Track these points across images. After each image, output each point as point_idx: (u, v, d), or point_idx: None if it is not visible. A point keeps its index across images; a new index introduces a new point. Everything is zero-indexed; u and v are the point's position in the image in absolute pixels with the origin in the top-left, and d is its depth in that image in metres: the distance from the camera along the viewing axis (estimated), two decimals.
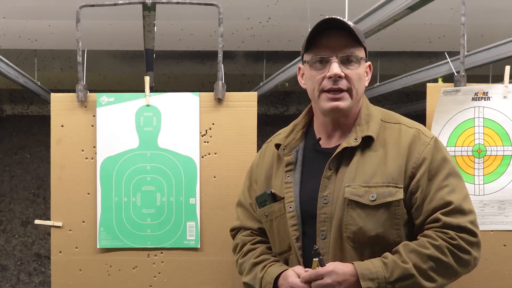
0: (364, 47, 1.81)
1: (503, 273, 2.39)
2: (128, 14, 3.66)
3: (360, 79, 1.79)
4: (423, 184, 1.71)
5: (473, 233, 1.68)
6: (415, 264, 1.65)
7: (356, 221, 1.71)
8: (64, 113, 2.40)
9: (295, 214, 1.81)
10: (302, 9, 3.78)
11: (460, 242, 1.67)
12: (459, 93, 2.34)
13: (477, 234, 1.70)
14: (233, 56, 5.08)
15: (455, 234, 1.67)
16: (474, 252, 1.69)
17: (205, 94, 2.41)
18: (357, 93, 1.79)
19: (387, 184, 1.71)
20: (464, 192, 1.73)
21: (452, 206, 1.69)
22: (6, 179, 7.07)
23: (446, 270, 1.68)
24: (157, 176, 2.38)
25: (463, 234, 1.67)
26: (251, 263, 1.91)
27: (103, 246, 2.40)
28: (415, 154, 1.72)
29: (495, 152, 2.36)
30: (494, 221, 2.37)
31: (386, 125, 1.79)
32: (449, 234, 1.67)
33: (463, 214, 1.69)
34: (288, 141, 1.90)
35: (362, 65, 1.79)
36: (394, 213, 1.71)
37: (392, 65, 5.43)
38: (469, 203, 1.73)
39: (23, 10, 3.73)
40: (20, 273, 6.96)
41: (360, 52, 1.78)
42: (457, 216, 1.68)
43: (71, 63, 5.31)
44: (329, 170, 1.78)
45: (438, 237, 1.67)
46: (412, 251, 1.67)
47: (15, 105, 7.27)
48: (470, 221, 1.69)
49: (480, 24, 3.90)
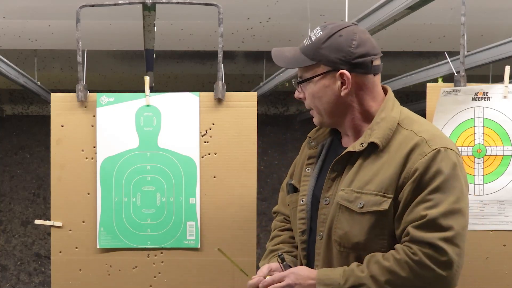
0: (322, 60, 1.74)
1: (503, 273, 2.39)
2: (128, 14, 3.66)
3: (318, 97, 1.77)
4: (407, 196, 1.65)
5: (441, 251, 1.58)
6: (373, 275, 1.63)
7: (343, 226, 1.72)
8: (64, 113, 2.41)
9: (305, 208, 1.83)
10: (302, 9, 3.78)
11: (422, 258, 1.59)
12: (459, 93, 2.35)
13: (448, 252, 1.58)
14: (233, 56, 5.08)
15: (419, 249, 1.60)
16: (440, 271, 1.58)
17: (205, 94, 2.41)
18: (324, 109, 1.78)
19: (376, 192, 1.69)
20: (448, 208, 1.60)
21: (424, 220, 1.61)
22: (6, 179, 7.07)
23: (403, 285, 1.62)
24: (157, 176, 2.39)
25: (428, 250, 1.59)
26: (269, 249, 1.98)
27: (103, 246, 2.40)
28: (409, 164, 1.66)
29: (495, 152, 2.36)
30: (494, 221, 2.37)
31: (400, 130, 1.73)
32: (412, 249, 1.61)
33: (436, 229, 1.59)
34: (317, 134, 1.92)
35: (319, 82, 1.75)
36: (379, 223, 1.68)
37: (392, 65, 5.42)
38: (450, 220, 1.60)
39: (23, 10, 3.73)
40: (20, 273, 6.96)
41: (310, 72, 1.76)
42: (427, 231, 1.60)
43: (71, 63, 5.30)
44: (334, 171, 1.78)
45: (402, 251, 1.62)
46: (375, 262, 1.65)
47: (15, 105, 7.26)
48: (442, 237, 1.58)
49: (480, 24, 3.89)
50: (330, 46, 1.72)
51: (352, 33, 1.72)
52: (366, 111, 1.77)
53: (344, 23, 1.75)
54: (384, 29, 2.79)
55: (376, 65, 1.75)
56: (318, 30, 1.76)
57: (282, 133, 6.94)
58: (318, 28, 1.77)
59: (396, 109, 1.77)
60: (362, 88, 1.75)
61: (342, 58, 1.71)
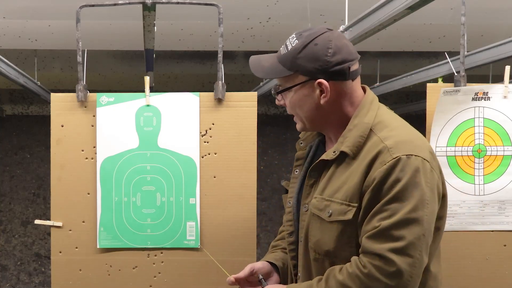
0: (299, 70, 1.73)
1: (503, 273, 2.39)
2: (128, 14, 3.66)
3: (298, 105, 1.76)
4: (366, 205, 1.63)
5: (390, 262, 1.55)
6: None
7: (316, 233, 1.73)
8: (64, 113, 2.41)
9: (291, 210, 1.85)
10: (302, 9, 3.78)
11: (371, 271, 1.57)
12: (459, 93, 2.35)
13: (396, 263, 1.54)
14: (233, 56, 5.08)
15: (368, 261, 1.58)
16: (389, 282, 1.55)
17: (205, 94, 2.41)
18: (305, 117, 1.78)
19: (342, 201, 1.68)
20: (402, 217, 1.56)
21: (375, 230, 1.58)
22: (6, 179, 7.07)
23: None
24: (157, 176, 2.39)
25: (377, 262, 1.56)
26: (271, 245, 2.06)
27: (103, 246, 2.40)
28: (371, 172, 1.63)
29: (495, 152, 2.36)
30: (494, 221, 2.37)
31: (372, 135, 1.70)
32: (363, 261, 1.59)
33: (387, 240, 1.56)
34: (306, 135, 1.92)
35: (298, 91, 1.75)
36: (346, 232, 1.67)
37: (392, 65, 5.42)
38: (403, 230, 1.56)
39: (23, 10, 3.73)
40: (20, 273, 6.96)
41: (289, 81, 1.76)
42: (377, 242, 1.58)
43: (71, 63, 5.31)
44: (311, 178, 1.79)
45: (354, 264, 1.61)
46: (333, 276, 1.65)
47: (15, 105, 7.27)
48: (391, 248, 1.55)
49: (480, 24, 3.89)
50: (306, 56, 1.71)
51: (327, 40, 1.70)
52: (345, 116, 1.76)
53: (319, 30, 1.73)
54: (384, 29, 2.79)
55: (353, 71, 1.74)
56: (293, 38, 1.74)
57: (282, 133, 6.94)
58: (293, 35, 1.76)
59: (371, 113, 1.74)
60: (341, 94, 1.74)
61: (319, 68, 1.70)
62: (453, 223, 2.38)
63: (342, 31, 3.07)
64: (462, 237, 2.38)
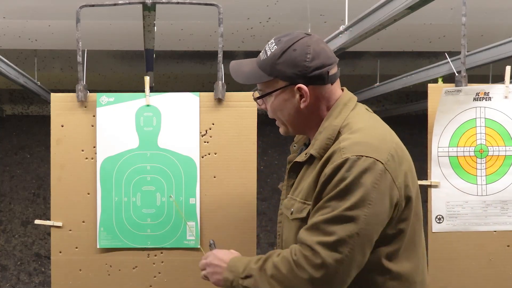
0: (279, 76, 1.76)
1: (507, 273, 2.39)
2: (128, 14, 3.66)
3: (279, 110, 1.81)
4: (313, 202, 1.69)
5: (316, 254, 1.60)
6: (264, 269, 1.69)
7: (284, 231, 1.81)
8: (64, 113, 2.40)
9: (282, 212, 1.90)
10: (302, 9, 3.77)
11: (300, 259, 1.62)
12: (460, 93, 2.34)
13: (322, 256, 1.59)
14: (233, 56, 5.08)
15: (299, 250, 1.64)
16: (313, 273, 1.60)
17: (205, 94, 2.41)
18: (286, 120, 1.82)
19: (300, 200, 1.76)
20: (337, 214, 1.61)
21: (310, 223, 1.65)
22: (6, 179, 7.07)
23: (284, 282, 1.65)
24: (157, 176, 2.38)
25: (306, 252, 1.62)
26: None
27: (103, 246, 2.39)
28: (323, 171, 1.68)
29: (497, 152, 2.36)
30: (497, 221, 2.37)
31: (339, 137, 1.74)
32: (296, 249, 1.65)
33: (318, 233, 1.62)
34: (299, 137, 1.97)
35: (279, 96, 1.79)
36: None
37: (392, 65, 5.42)
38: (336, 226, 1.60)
39: (23, 10, 3.73)
40: (20, 273, 6.95)
41: (269, 87, 1.80)
42: (310, 234, 1.64)
43: (71, 63, 5.30)
44: (290, 179, 1.86)
45: (289, 250, 1.67)
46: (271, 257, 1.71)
47: (15, 105, 7.26)
48: (320, 241, 1.60)
49: (480, 24, 3.89)
50: (285, 62, 1.74)
51: (305, 46, 1.74)
52: (322, 119, 1.80)
53: (297, 35, 1.77)
54: (384, 29, 2.79)
55: (332, 74, 1.77)
56: (272, 44, 1.78)
57: None
58: (272, 41, 1.79)
59: (342, 114, 1.77)
60: (320, 98, 1.78)
61: (298, 73, 1.74)
62: (456, 223, 2.38)
63: (342, 31, 3.07)
64: (465, 238, 2.38)
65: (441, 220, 2.37)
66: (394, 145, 1.71)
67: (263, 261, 1.71)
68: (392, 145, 1.71)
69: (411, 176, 1.73)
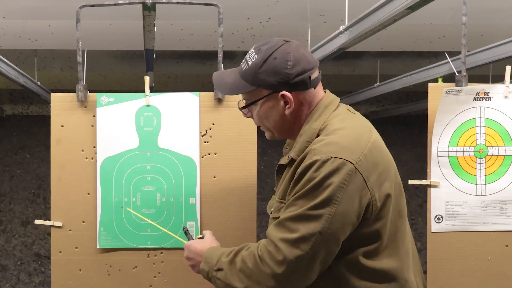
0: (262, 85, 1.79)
1: (505, 273, 2.39)
2: (128, 14, 3.66)
3: (265, 117, 1.85)
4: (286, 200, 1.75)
5: (278, 250, 1.66)
6: (234, 263, 1.76)
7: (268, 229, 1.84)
8: (64, 113, 2.40)
9: None
10: (302, 9, 3.78)
11: (264, 255, 1.68)
12: (461, 93, 2.34)
13: (284, 252, 1.65)
14: (233, 56, 5.08)
15: (264, 245, 1.70)
16: (275, 268, 1.66)
17: (205, 94, 2.41)
18: (272, 127, 1.87)
19: (278, 199, 1.82)
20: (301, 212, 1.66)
21: (278, 220, 1.71)
22: (6, 179, 7.07)
23: (251, 276, 1.71)
24: (157, 176, 2.38)
25: (270, 247, 1.68)
26: None
27: (103, 246, 2.39)
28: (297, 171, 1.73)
29: (497, 152, 2.36)
30: (496, 221, 2.37)
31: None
32: (261, 245, 1.71)
33: (282, 230, 1.68)
34: (291, 140, 1.99)
35: (263, 104, 1.83)
36: None
37: (392, 65, 5.43)
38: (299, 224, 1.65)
39: (23, 10, 3.73)
40: (20, 273, 6.95)
41: (253, 96, 1.83)
42: (275, 230, 1.70)
43: (71, 63, 5.30)
44: (277, 181, 1.91)
45: (256, 245, 1.74)
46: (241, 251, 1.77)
47: (15, 105, 7.27)
48: (283, 238, 1.66)
49: (480, 24, 3.89)
50: (267, 71, 1.77)
51: (285, 53, 1.77)
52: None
53: (276, 43, 1.80)
54: (384, 29, 2.79)
55: (314, 79, 1.81)
56: (253, 53, 1.81)
57: None
58: (252, 50, 1.82)
59: (322, 117, 1.81)
60: (303, 103, 1.82)
61: (280, 81, 1.77)
62: (455, 223, 2.38)
63: (342, 31, 3.07)
64: (464, 238, 2.38)
65: (441, 220, 2.37)
66: (369, 145, 1.74)
67: (233, 254, 1.78)
68: (366, 145, 1.73)
69: (390, 175, 1.76)
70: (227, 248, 1.84)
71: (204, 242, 1.96)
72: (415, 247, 1.95)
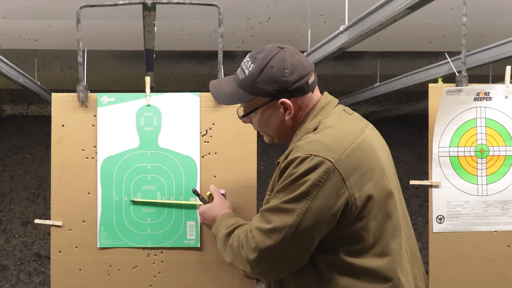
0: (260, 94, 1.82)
1: (507, 273, 2.38)
2: (128, 14, 3.66)
3: (265, 124, 1.90)
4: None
5: (253, 237, 1.75)
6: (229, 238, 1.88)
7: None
8: (65, 113, 2.40)
9: None
10: (302, 9, 3.78)
11: (243, 239, 1.79)
12: (461, 93, 2.34)
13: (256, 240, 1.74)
14: (233, 56, 5.08)
15: (246, 231, 1.80)
16: (249, 254, 1.76)
17: (205, 94, 2.41)
18: (272, 133, 1.93)
19: (268, 192, 1.88)
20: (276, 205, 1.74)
21: (260, 210, 1.82)
22: (6, 179, 7.07)
23: (235, 255, 1.83)
24: (158, 175, 2.38)
25: (248, 234, 1.78)
26: None
27: (103, 246, 2.39)
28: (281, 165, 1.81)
29: (498, 152, 2.36)
30: (498, 221, 2.37)
31: None
32: (246, 229, 1.82)
33: (260, 220, 1.77)
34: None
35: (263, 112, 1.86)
36: None
37: (392, 65, 5.43)
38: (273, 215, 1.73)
39: (23, 10, 3.73)
40: (20, 273, 6.96)
41: (252, 104, 1.86)
42: (256, 219, 1.80)
43: (71, 63, 5.31)
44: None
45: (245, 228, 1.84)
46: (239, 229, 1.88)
47: (15, 105, 7.27)
48: (258, 227, 1.76)
49: (480, 24, 3.90)
50: (264, 80, 1.80)
51: (282, 61, 1.78)
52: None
53: (271, 51, 1.81)
54: (384, 29, 2.79)
55: (311, 83, 1.83)
56: (249, 62, 1.82)
57: None
58: (248, 59, 1.84)
59: (317, 117, 1.84)
60: (301, 107, 1.85)
61: (279, 89, 1.80)
62: (457, 223, 2.37)
63: (342, 31, 3.07)
64: (465, 238, 2.38)
65: (442, 220, 2.37)
66: (354, 145, 1.75)
67: (232, 228, 1.90)
68: (351, 145, 1.75)
69: (375, 176, 1.76)
70: (232, 218, 1.99)
71: (214, 208, 2.14)
72: (417, 249, 1.94)
